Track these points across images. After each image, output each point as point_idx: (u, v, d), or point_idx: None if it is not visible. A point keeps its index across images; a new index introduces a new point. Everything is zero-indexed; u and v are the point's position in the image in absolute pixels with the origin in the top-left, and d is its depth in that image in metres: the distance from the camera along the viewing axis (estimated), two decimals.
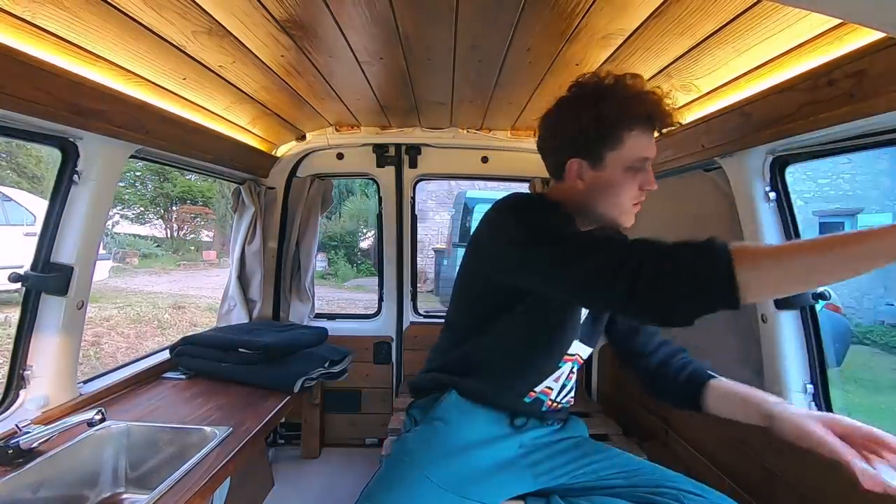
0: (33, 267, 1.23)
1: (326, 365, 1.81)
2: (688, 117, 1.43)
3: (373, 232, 12.20)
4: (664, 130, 0.96)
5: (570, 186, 0.99)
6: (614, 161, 0.94)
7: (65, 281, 1.24)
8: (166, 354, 1.76)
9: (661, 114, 0.92)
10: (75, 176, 1.23)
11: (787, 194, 1.27)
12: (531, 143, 2.18)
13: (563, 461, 1.09)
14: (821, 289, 1.16)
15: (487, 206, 1.06)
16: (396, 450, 1.07)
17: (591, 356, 1.22)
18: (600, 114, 0.92)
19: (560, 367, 1.08)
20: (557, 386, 1.10)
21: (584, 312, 1.09)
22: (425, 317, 2.45)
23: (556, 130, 1.00)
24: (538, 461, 1.08)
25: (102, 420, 1.09)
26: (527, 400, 1.08)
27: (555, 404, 1.12)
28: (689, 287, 0.69)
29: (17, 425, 1.04)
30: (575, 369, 1.13)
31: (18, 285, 1.22)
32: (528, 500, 1.08)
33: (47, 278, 1.23)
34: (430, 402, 1.11)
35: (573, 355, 1.10)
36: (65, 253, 1.25)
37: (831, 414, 0.85)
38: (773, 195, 1.26)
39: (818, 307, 1.29)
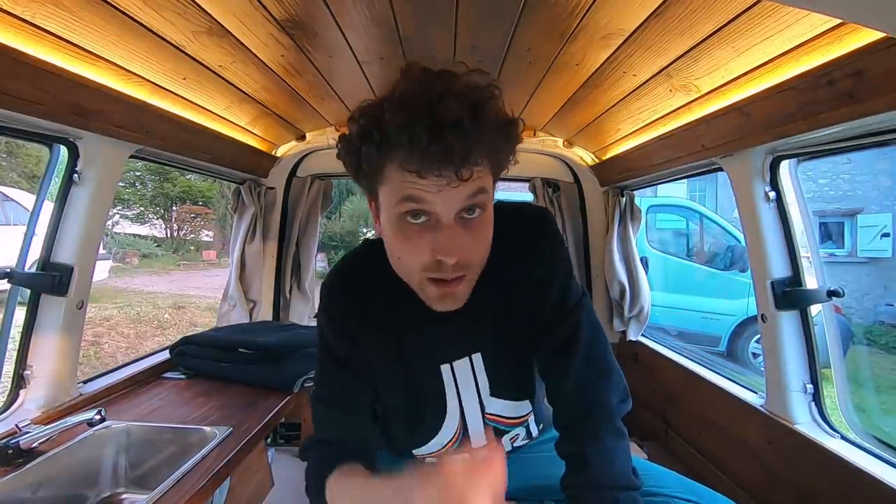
0: (18, 264, 1.22)
1: None
2: (688, 117, 1.43)
3: (373, 232, 12.17)
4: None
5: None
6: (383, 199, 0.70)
7: (64, 281, 1.24)
8: (166, 354, 1.76)
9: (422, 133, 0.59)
10: (75, 176, 1.23)
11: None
12: (531, 143, 2.19)
13: (539, 454, 1.01)
14: (834, 286, 1.22)
15: None
16: None
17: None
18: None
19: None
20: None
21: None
22: None
23: None
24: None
25: (102, 420, 1.09)
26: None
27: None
28: None
29: (17, 425, 1.04)
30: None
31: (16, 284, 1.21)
32: (523, 503, 1.07)
33: (46, 277, 1.23)
34: None
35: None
36: (64, 253, 1.25)
37: None
38: (772, 195, 1.26)
39: None
